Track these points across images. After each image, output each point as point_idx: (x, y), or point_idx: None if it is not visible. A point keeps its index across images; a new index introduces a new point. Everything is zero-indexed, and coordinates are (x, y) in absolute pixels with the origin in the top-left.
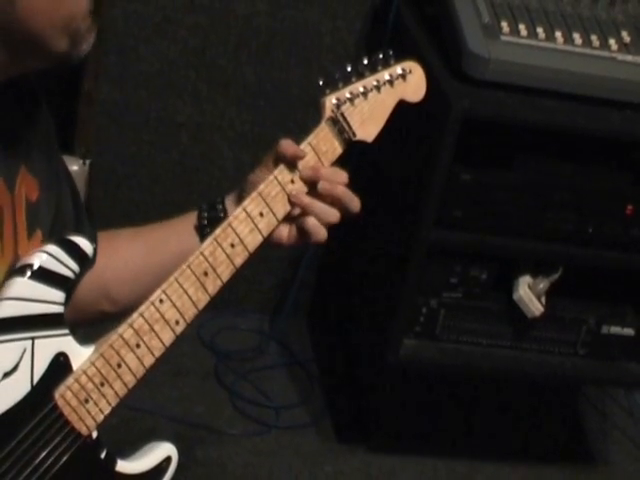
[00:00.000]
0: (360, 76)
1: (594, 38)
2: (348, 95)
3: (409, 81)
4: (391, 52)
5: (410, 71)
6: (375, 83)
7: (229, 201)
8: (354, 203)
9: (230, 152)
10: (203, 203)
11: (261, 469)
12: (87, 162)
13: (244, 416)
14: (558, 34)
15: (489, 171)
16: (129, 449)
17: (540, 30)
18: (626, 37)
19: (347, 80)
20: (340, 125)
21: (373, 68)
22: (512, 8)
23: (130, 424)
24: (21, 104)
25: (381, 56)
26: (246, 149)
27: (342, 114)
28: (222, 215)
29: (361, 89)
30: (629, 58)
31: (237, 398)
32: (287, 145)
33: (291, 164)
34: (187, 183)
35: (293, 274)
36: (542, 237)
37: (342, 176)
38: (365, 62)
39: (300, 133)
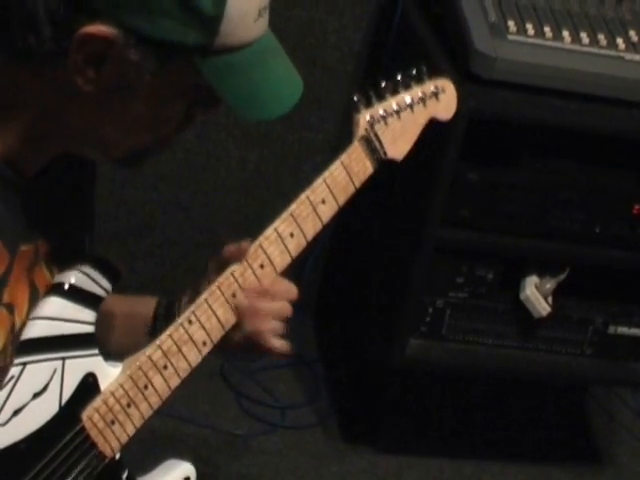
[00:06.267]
0: (394, 92)
1: (601, 37)
2: (382, 113)
3: (441, 100)
4: (424, 68)
5: (443, 90)
6: (409, 102)
7: (184, 302)
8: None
9: (236, 150)
10: (162, 298)
11: (267, 469)
12: None
13: (250, 416)
14: (565, 33)
15: (496, 170)
16: (147, 466)
17: (547, 29)
18: (634, 36)
19: (381, 96)
20: (373, 144)
21: (407, 84)
22: (519, 7)
23: None
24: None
25: (415, 72)
26: (252, 148)
27: (375, 133)
28: (176, 315)
29: (395, 107)
30: (636, 57)
31: (243, 398)
32: (231, 248)
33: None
34: (193, 182)
35: (299, 274)
36: (549, 237)
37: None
38: (399, 78)
39: (305, 131)
